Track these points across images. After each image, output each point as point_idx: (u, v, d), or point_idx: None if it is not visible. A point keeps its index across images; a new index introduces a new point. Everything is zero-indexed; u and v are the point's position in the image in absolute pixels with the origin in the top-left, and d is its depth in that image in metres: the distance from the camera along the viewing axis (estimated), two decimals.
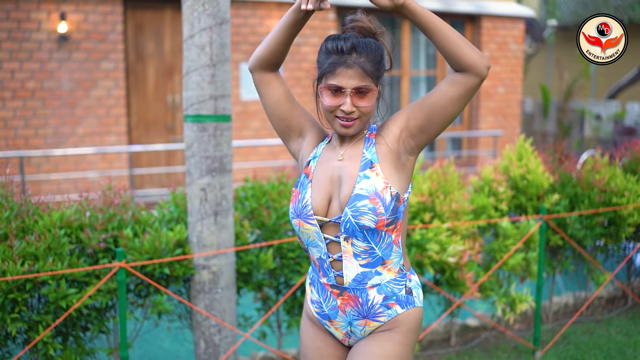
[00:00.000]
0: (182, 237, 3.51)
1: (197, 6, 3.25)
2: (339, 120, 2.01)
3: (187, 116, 3.38)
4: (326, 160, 2.10)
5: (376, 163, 2.02)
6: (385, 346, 2.06)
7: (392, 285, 2.07)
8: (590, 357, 4.35)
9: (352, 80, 1.96)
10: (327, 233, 2.04)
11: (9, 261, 3.13)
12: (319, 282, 2.15)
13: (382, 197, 1.97)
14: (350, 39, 1.98)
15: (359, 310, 2.08)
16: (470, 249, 4.20)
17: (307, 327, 2.25)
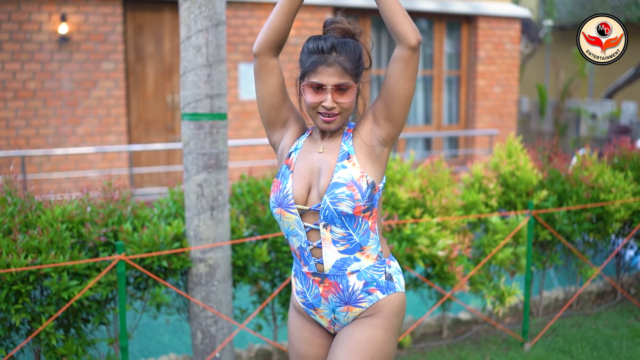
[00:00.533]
0: (180, 231, 3.64)
1: (193, 8, 3.38)
2: (321, 117, 2.13)
3: (184, 114, 3.50)
4: (307, 152, 2.21)
5: (353, 154, 2.14)
6: (367, 332, 2.17)
7: (372, 271, 2.18)
8: (577, 348, 4.48)
9: (332, 78, 2.08)
10: (307, 221, 2.15)
11: (13, 254, 3.26)
12: (301, 271, 2.25)
13: (358, 185, 2.09)
14: (330, 39, 2.10)
15: (340, 297, 2.18)
16: (460, 243, 4.32)
17: (295, 319, 2.35)
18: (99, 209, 3.69)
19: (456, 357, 4.41)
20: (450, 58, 11.76)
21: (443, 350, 4.55)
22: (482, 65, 11.62)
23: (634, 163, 5.31)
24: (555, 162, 5.08)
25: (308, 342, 2.31)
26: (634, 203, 4.91)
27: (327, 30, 2.19)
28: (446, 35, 11.62)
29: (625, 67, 14.90)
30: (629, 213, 4.92)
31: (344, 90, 2.11)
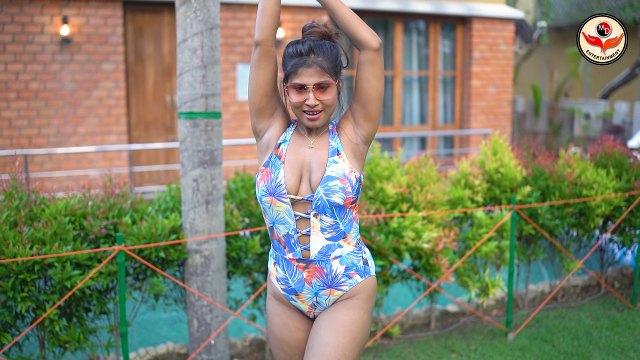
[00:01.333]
0: (177, 224, 3.83)
1: (189, 13, 3.57)
2: (306, 115, 2.30)
3: (181, 113, 3.69)
4: (297, 145, 2.38)
5: (342, 151, 2.33)
6: (349, 313, 2.35)
7: (352, 257, 2.37)
8: (558, 338, 4.66)
9: (312, 78, 2.26)
10: (297, 210, 2.32)
11: (19, 245, 3.45)
12: (284, 258, 2.40)
13: (349, 179, 2.28)
14: (308, 42, 2.29)
15: (324, 281, 2.35)
16: (445, 237, 4.51)
17: (274, 307, 2.50)
18: (100, 203, 3.89)
19: (443, 347, 4.60)
20: (445, 59, 11.95)
21: (430, 340, 4.73)
22: (476, 65, 11.80)
23: (616, 160, 5.50)
24: (539, 159, 5.27)
25: (288, 328, 2.46)
26: (614, 199, 5.09)
27: (306, 34, 2.37)
28: (441, 36, 11.81)
29: (621, 68, 15.09)
30: (610, 208, 5.11)
31: (324, 89, 2.28)
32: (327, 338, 2.31)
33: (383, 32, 11.25)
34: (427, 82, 11.77)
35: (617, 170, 5.46)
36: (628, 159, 5.54)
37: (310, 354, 2.32)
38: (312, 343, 2.35)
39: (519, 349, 4.49)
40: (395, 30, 11.26)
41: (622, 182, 5.28)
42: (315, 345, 2.32)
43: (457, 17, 11.70)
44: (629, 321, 5.00)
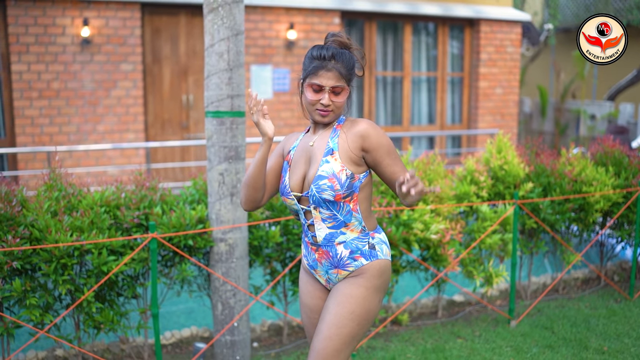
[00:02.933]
0: (203, 214, 4.14)
1: (216, 20, 3.88)
2: (318, 111, 2.60)
3: (208, 112, 4.00)
4: (303, 145, 2.71)
5: (336, 150, 2.59)
6: (351, 288, 2.63)
7: (356, 242, 2.65)
8: (558, 325, 4.95)
9: (330, 81, 2.56)
10: (303, 204, 2.67)
11: (60, 232, 3.77)
12: (304, 241, 2.77)
13: (338, 177, 2.55)
14: (331, 49, 2.58)
15: (331, 262, 2.67)
16: (452, 229, 4.80)
17: (303, 276, 2.87)
18: (132, 195, 4.20)
19: (449, 333, 4.89)
20: (454, 60, 12.22)
21: (437, 327, 5.03)
22: (484, 67, 12.06)
23: (615, 159, 5.78)
24: (541, 157, 5.55)
25: (311, 295, 2.81)
26: (613, 195, 5.37)
27: (328, 41, 2.67)
28: (449, 39, 12.08)
29: (628, 69, 15.31)
30: (608, 204, 5.39)
31: (338, 92, 2.59)
32: (330, 307, 2.63)
33: (393, 34, 11.54)
34: (436, 83, 12.04)
35: (616, 168, 5.74)
36: (627, 158, 5.82)
37: (321, 322, 2.64)
38: (322, 315, 2.67)
39: (521, 335, 4.78)
40: (405, 32, 11.54)
41: (621, 180, 5.56)
42: (324, 316, 2.64)
43: (465, 20, 11.96)
44: (625, 311, 5.28)
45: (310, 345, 2.64)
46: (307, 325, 2.87)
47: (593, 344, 4.61)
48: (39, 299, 3.83)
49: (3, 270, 3.71)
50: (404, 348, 4.58)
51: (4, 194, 3.87)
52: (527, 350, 4.54)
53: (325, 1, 10.47)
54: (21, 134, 9.12)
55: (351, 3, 10.67)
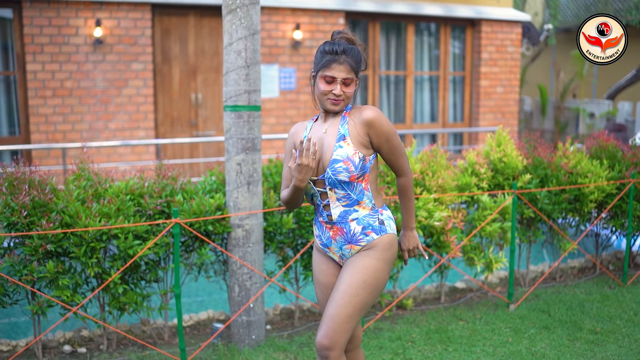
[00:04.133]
0: (221, 202, 4.43)
1: (235, 20, 4.16)
2: (330, 100, 2.88)
3: (226, 106, 4.29)
4: (315, 133, 2.96)
5: (347, 136, 2.87)
6: (364, 260, 2.91)
7: (368, 218, 2.92)
8: (554, 309, 5.23)
9: (341, 73, 2.84)
10: (318, 186, 2.92)
11: (89, 218, 4.05)
12: (318, 221, 3.02)
13: (352, 160, 2.84)
14: (342, 45, 2.88)
15: (345, 238, 2.93)
16: (454, 218, 5.08)
17: (316, 256, 3.13)
18: (154, 184, 4.49)
19: (451, 316, 5.17)
20: (455, 60, 12.50)
21: (440, 311, 5.31)
22: (485, 66, 12.34)
23: (609, 152, 6.06)
24: (538, 151, 5.84)
25: (324, 273, 3.08)
26: (607, 186, 5.65)
27: (336, 38, 2.96)
28: (451, 38, 12.36)
29: (627, 69, 15.58)
30: (602, 195, 5.67)
31: (348, 84, 2.87)
32: (344, 277, 2.90)
33: (396, 34, 11.82)
34: (438, 82, 12.32)
35: (610, 161, 6.02)
36: (620, 151, 6.10)
37: (334, 291, 2.90)
38: (336, 285, 2.93)
39: (519, 317, 5.06)
40: (408, 32, 11.82)
41: (614, 172, 5.84)
42: (337, 286, 2.91)
43: (466, 20, 12.24)
44: (618, 296, 5.56)
45: (324, 312, 2.88)
46: (321, 301, 3.13)
47: (587, 325, 4.89)
48: (69, 280, 4.11)
49: (38, 252, 4.01)
50: (409, 329, 4.87)
51: (37, 183, 4.16)
52: (525, 330, 4.82)
53: (330, 2, 10.76)
54: (35, 131, 9.41)
55: (355, 4, 10.95)
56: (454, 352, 4.47)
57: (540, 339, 4.67)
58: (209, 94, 10.31)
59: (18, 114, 9.50)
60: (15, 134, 9.56)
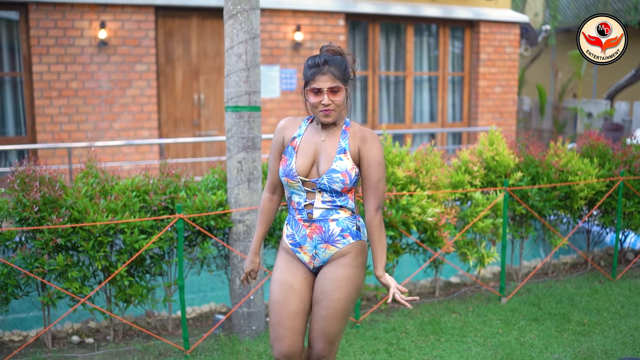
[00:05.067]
0: (223, 198, 4.63)
1: (235, 25, 4.36)
2: (322, 112, 2.98)
3: (228, 107, 4.48)
4: (311, 138, 3.06)
5: (348, 151, 3.01)
6: (344, 271, 3.03)
7: (347, 222, 3.05)
8: (544, 302, 5.42)
9: (326, 83, 2.95)
10: (307, 186, 3.01)
11: (97, 214, 4.25)
12: (294, 219, 3.09)
13: (349, 174, 2.98)
14: (323, 56, 2.99)
15: (322, 237, 3.03)
16: (447, 214, 5.27)
17: (283, 256, 3.15)
18: (159, 182, 4.69)
19: (445, 309, 5.36)
20: (454, 60, 12.68)
21: (435, 304, 5.49)
22: (483, 67, 12.52)
23: (599, 151, 6.25)
24: (530, 149, 6.02)
25: (293, 273, 3.11)
26: (596, 184, 5.84)
27: (323, 51, 3.07)
28: (450, 39, 12.55)
29: (627, 69, 15.74)
30: (592, 193, 5.85)
31: (336, 92, 2.97)
32: (331, 293, 3.01)
33: (395, 35, 12.01)
34: (437, 82, 12.50)
35: (601, 159, 6.20)
36: (611, 150, 6.29)
37: (319, 307, 3.02)
38: (319, 298, 3.03)
39: (510, 310, 5.25)
40: (407, 33, 12.00)
41: (605, 170, 6.02)
42: (322, 300, 3.02)
43: (465, 21, 12.42)
44: (607, 290, 5.75)
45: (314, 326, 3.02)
46: (278, 303, 3.05)
47: (575, 318, 5.08)
48: (78, 273, 4.31)
49: (48, 246, 4.21)
50: (404, 321, 5.06)
51: (47, 180, 4.36)
52: (515, 322, 5.01)
53: (330, 4, 10.95)
54: (41, 131, 9.61)
55: (355, 6, 11.14)
56: (446, 342, 4.66)
57: (529, 330, 4.85)
58: (212, 95, 10.51)
59: (24, 114, 9.71)
60: (21, 134, 9.77)
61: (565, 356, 4.40)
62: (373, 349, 4.54)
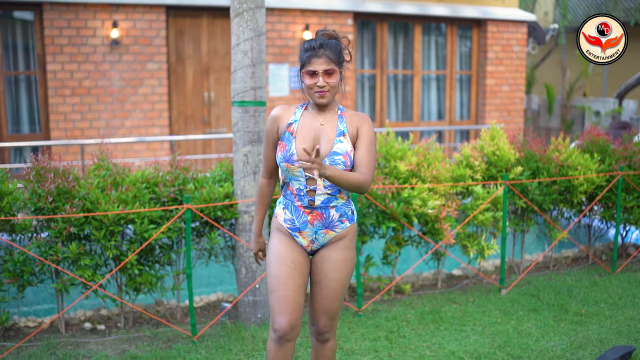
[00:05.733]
0: (229, 190, 4.79)
1: (242, 23, 4.52)
2: (317, 93, 3.10)
3: (234, 102, 4.64)
4: (308, 122, 3.16)
5: (347, 134, 3.14)
6: (343, 253, 3.20)
7: (344, 207, 3.20)
8: (543, 293, 5.55)
9: (322, 66, 3.06)
10: (307, 172, 2.97)
11: (108, 204, 4.43)
12: (293, 205, 3.17)
13: (349, 155, 3.10)
14: (319, 40, 3.10)
15: (323, 223, 3.16)
16: (448, 207, 5.41)
17: (279, 236, 3.22)
18: (168, 174, 4.86)
19: (446, 299, 5.50)
20: (462, 59, 12.79)
21: (436, 295, 5.64)
22: (491, 65, 12.63)
23: (600, 147, 6.37)
24: (530, 144, 6.15)
25: (292, 248, 3.16)
26: (596, 178, 5.96)
27: (318, 35, 3.18)
28: (458, 38, 12.67)
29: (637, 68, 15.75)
30: (592, 187, 5.97)
31: (330, 74, 3.09)
32: (330, 274, 3.18)
33: (403, 34, 12.14)
34: (445, 81, 12.62)
35: (601, 155, 6.32)
36: (611, 146, 6.40)
37: (320, 287, 3.18)
38: (319, 278, 3.18)
39: (510, 301, 5.39)
40: (415, 32, 12.14)
41: (605, 166, 6.14)
42: (322, 280, 3.18)
43: (472, 20, 12.53)
44: (606, 282, 5.87)
45: (316, 305, 3.20)
46: (285, 275, 3.09)
47: (573, 308, 5.20)
48: (90, 261, 4.49)
49: (62, 234, 4.39)
50: (405, 311, 5.20)
51: (61, 172, 4.54)
52: (514, 312, 5.14)
53: (338, 3, 11.10)
54: (55, 128, 9.82)
55: (363, 5, 11.29)
56: (445, 330, 4.80)
57: (527, 320, 4.99)
58: (221, 93, 10.69)
59: (39, 112, 9.93)
60: (35, 131, 9.99)
61: (561, 344, 4.53)
62: (374, 336, 4.69)
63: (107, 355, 4.39)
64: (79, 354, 4.43)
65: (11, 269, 4.41)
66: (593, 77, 16.33)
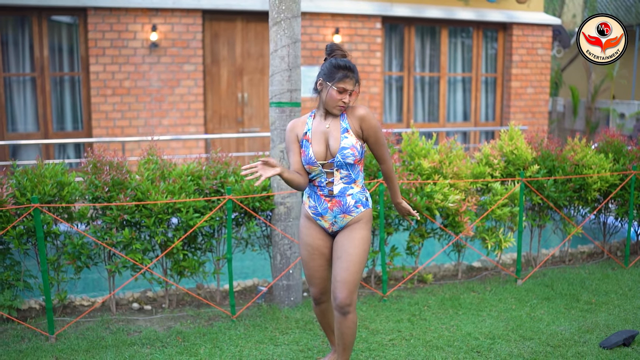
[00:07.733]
0: (267, 183, 5.25)
1: (279, 31, 4.97)
2: (339, 107, 3.61)
3: (272, 103, 5.09)
4: (319, 128, 3.68)
5: (349, 129, 3.64)
6: (359, 232, 3.70)
7: (359, 195, 3.72)
8: (557, 284, 5.92)
9: (350, 86, 3.60)
10: (325, 168, 3.66)
11: (158, 194, 4.90)
12: (316, 194, 3.72)
13: (355, 147, 3.62)
14: (349, 62, 3.61)
15: (341, 209, 3.68)
16: (468, 202, 5.81)
17: (305, 222, 3.83)
18: (210, 168, 5.33)
19: (465, 288, 5.90)
20: (487, 62, 13.13)
21: (456, 284, 6.03)
22: (516, 68, 12.94)
23: (614, 147, 6.71)
24: (547, 144, 6.52)
25: (313, 236, 3.81)
26: (610, 177, 6.31)
27: (334, 53, 3.71)
28: (484, 42, 13.01)
29: None
30: (606, 185, 6.32)
31: (351, 94, 3.63)
32: (349, 250, 3.66)
33: (430, 38, 12.52)
34: (470, 83, 12.97)
35: (616, 155, 6.66)
36: (626, 146, 6.74)
37: (341, 260, 3.65)
38: (340, 254, 3.68)
39: (525, 290, 5.77)
40: (442, 36, 12.50)
41: (619, 165, 6.48)
42: (342, 255, 3.66)
43: (498, 24, 12.86)
44: (618, 275, 6.22)
45: (337, 277, 3.64)
46: (306, 260, 3.83)
47: (584, 298, 5.57)
48: (141, 245, 4.97)
49: (116, 221, 4.88)
50: (427, 297, 5.61)
51: (116, 164, 5.03)
52: (528, 300, 5.52)
53: (367, 7, 11.52)
54: (97, 126, 10.38)
55: (392, 9, 11.69)
56: (463, 315, 5.20)
57: (540, 307, 5.37)
58: (254, 93, 11.17)
59: (81, 111, 10.50)
60: (78, 129, 10.55)
61: (570, 328, 4.91)
62: (397, 318, 5.10)
63: (155, 331, 4.86)
64: (130, 329, 4.91)
65: (70, 252, 4.91)
66: (619, 80, 16.52)
